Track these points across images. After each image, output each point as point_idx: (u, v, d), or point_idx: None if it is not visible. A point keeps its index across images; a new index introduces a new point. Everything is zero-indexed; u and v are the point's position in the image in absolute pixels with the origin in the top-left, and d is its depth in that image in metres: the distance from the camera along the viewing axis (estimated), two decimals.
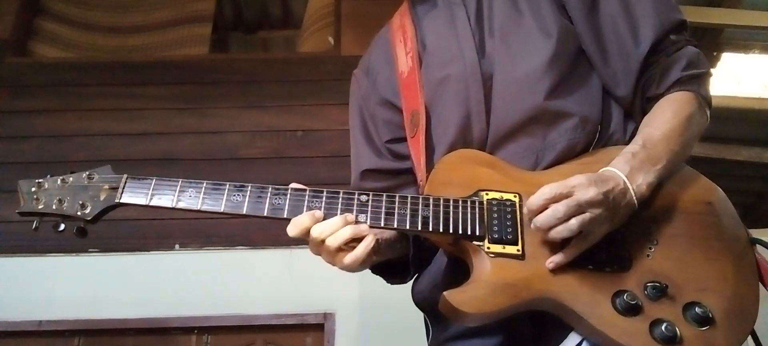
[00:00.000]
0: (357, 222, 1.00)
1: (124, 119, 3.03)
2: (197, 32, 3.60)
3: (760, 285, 0.99)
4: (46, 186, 1.12)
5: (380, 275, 1.26)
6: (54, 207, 1.10)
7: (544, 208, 0.94)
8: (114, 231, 2.78)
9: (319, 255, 1.04)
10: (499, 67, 1.12)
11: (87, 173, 1.09)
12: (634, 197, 0.97)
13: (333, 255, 1.01)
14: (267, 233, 2.79)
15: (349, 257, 1.00)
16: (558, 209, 0.93)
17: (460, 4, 1.20)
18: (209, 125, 3.04)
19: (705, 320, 0.92)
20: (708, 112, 1.09)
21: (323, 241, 0.99)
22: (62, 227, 1.09)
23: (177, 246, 2.78)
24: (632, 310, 0.92)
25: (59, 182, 1.11)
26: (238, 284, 2.69)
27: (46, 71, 3.25)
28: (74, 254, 2.75)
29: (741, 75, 4.75)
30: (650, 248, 0.98)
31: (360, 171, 1.26)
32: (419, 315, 2.80)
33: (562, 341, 0.97)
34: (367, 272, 2.59)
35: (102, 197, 1.06)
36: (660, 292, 0.93)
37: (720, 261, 0.98)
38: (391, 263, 1.19)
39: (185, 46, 3.55)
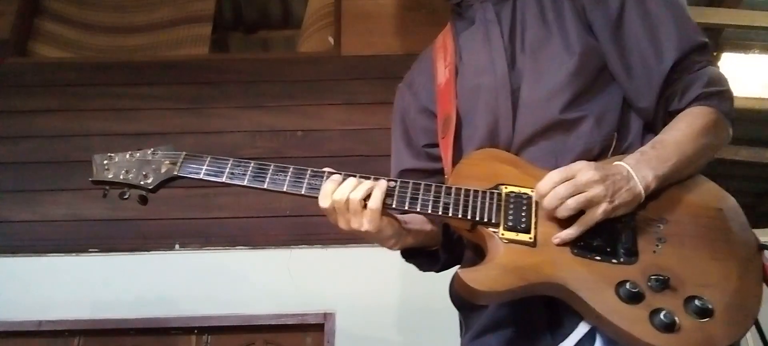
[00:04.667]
0: (384, 204, 1.12)
1: (124, 119, 3.03)
2: (197, 32, 3.60)
3: (765, 286, 1.04)
4: (116, 159, 1.25)
5: (414, 263, 1.38)
6: (121, 177, 1.23)
7: (550, 191, 1.04)
8: (114, 231, 2.79)
9: (349, 224, 1.14)
10: (526, 80, 1.23)
11: (151, 149, 1.25)
12: (639, 185, 1.04)
13: (360, 213, 1.12)
14: (267, 233, 2.80)
15: (371, 201, 1.10)
16: (559, 190, 1.03)
17: (494, 22, 1.31)
18: (209, 125, 3.04)
19: (704, 312, 0.97)
20: (729, 128, 1.17)
21: (347, 199, 1.10)
22: (127, 195, 1.24)
23: (177, 246, 2.78)
24: (634, 298, 0.98)
25: (127, 156, 1.25)
26: (238, 284, 2.69)
27: (46, 71, 3.24)
28: (74, 254, 2.74)
29: (741, 75, 4.75)
30: (658, 245, 1.04)
31: (398, 170, 1.40)
32: (418, 316, 2.81)
33: (573, 330, 1.05)
34: (371, 272, 2.60)
35: (163, 170, 1.22)
36: (662, 284, 0.99)
37: (726, 262, 1.03)
38: (423, 251, 1.32)
39: (185, 46, 3.55)
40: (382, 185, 1.12)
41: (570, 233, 1.04)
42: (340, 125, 3.01)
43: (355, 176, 1.14)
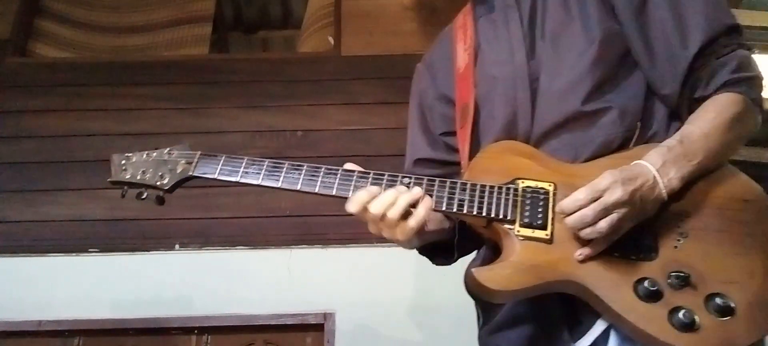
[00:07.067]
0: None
1: (124, 119, 3.03)
2: (197, 32, 3.60)
3: None
4: (133, 159, 1.25)
5: (427, 256, 1.34)
6: (138, 177, 1.23)
7: (575, 211, 1.00)
8: (114, 231, 2.79)
9: (380, 232, 1.11)
10: (546, 70, 1.18)
11: (168, 149, 1.24)
12: (664, 191, 1.00)
13: (394, 227, 1.08)
14: (267, 233, 2.79)
15: (412, 219, 1.06)
16: (587, 213, 0.98)
17: (514, 7, 1.26)
18: (209, 125, 3.03)
19: (726, 311, 0.94)
20: (758, 116, 1.11)
21: (384, 215, 1.06)
22: (145, 195, 1.23)
23: (177, 246, 2.78)
24: (652, 296, 0.96)
25: (144, 156, 1.25)
26: (238, 284, 2.69)
27: (46, 71, 3.24)
28: (74, 254, 2.74)
29: None
30: (679, 240, 1.01)
31: (414, 159, 1.36)
32: (418, 315, 2.82)
33: (591, 327, 1.03)
34: (371, 272, 2.61)
35: (178, 170, 1.21)
36: (683, 281, 0.96)
37: (750, 256, 0.99)
38: (437, 245, 1.28)
39: (185, 46, 3.55)
40: (427, 202, 1.07)
41: (594, 249, 1.01)
42: (340, 125, 3.01)
43: (379, 179, 1.09)
